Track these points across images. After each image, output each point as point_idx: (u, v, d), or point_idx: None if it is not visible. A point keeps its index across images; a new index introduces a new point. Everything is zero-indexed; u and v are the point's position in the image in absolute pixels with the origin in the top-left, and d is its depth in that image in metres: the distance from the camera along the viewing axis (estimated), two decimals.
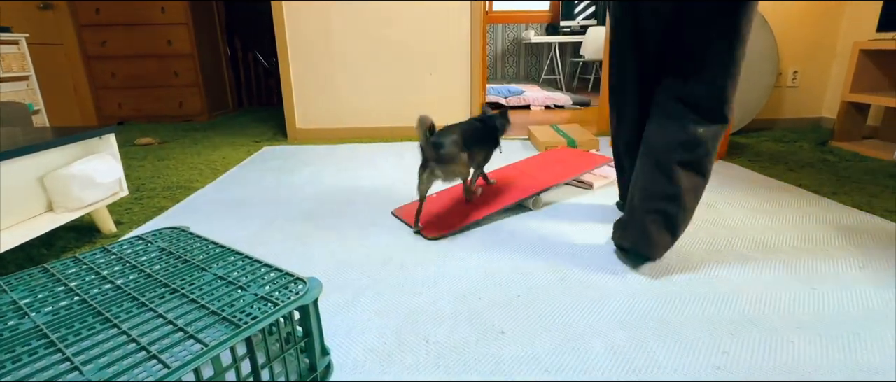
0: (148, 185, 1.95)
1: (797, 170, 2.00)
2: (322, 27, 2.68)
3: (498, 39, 5.60)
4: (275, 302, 0.70)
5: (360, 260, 1.24)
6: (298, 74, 2.77)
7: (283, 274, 0.79)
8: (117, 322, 0.66)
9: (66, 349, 0.60)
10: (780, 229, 1.40)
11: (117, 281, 0.77)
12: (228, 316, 0.66)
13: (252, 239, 1.38)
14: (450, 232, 1.39)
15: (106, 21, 3.38)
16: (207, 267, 0.82)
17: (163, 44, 3.49)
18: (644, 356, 0.85)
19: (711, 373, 0.80)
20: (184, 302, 0.71)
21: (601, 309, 1.00)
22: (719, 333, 0.91)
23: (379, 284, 1.12)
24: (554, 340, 0.90)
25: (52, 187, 1.27)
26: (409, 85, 2.83)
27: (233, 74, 4.35)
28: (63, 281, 0.77)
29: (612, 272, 1.15)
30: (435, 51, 2.76)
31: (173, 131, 3.24)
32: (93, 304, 0.70)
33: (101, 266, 0.83)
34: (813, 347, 0.87)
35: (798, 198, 1.65)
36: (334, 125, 2.87)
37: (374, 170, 2.12)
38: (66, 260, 0.85)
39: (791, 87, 2.91)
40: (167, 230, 0.99)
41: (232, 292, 0.73)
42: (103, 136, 1.41)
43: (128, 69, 3.52)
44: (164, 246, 0.91)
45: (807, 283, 1.09)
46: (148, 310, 0.69)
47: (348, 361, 0.85)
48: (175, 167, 2.25)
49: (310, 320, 0.74)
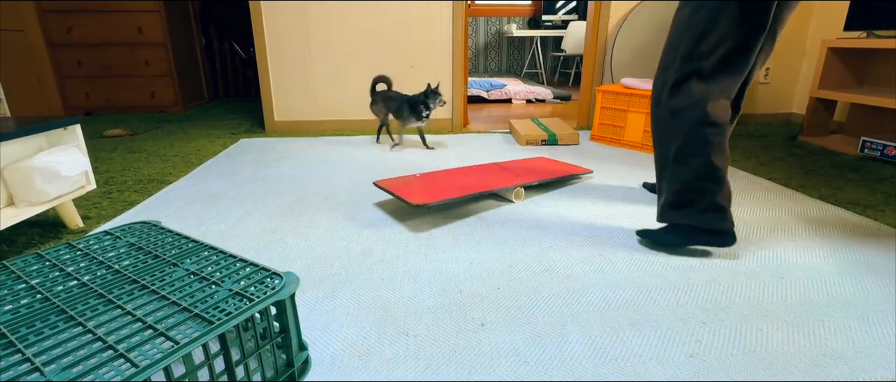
0: (118, 178, 1.89)
1: (768, 165, 2.06)
2: (301, 17, 2.62)
3: (480, 33, 5.58)
4: (250, 297, 0.69)
5: (340, 253, 1.23)
6: (276, 65, 2.71)
7: (258, 268, 0.77)
8: (82, 320, 0.63)
9: (27, 349, 0.57)
10: (752, 221, 1.44)
11: (83, 277, 0.75)
12: (201, 313, 0.65)
13: (227, 233, 1.35)
14: (434, 202, 1.38)
15: (71, 7, 3.23)
16: (179, 263, 0.79)
17: (133, 31, 3.36)
18: (621, 345, 0.87)
19: (685, 361, 0.82)
20: (154, 299, 0.69)
21: (580, 300, 1.01)
22: (693, 322, 0.93)
23: (359, 278, 1.11)
24: (533, 331, 0.91)
25: (14, 180, 1.21)
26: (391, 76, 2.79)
27: (209, 64, 4.23)
28: (24, 279, 0.74)
29: (592, 264, 1.17)
30: (417, 43, 2.73)
31: (145, 122, 3.13)
32: (56, 302, 0.68)
33: (65, 262, 0.80)
34: (780, 334, 0.90)
35: (768, 191, 1.70)
36: (313, 117, 2.82)
37: (353, 163, 2.09)
38: (27, 257, 0.81)
39: (763, 84, 2.99)
40: (137, 225, 0.96)
41: (205, 288, 0.71)
42: (68, 127, 1.35)
43: (95, 57, 3.38)
44: (134, 242, 0.88)
45: (775, 273, 1.12)
46: (115, 308, 0.66)
47: (326, 356, 0.84)
48: (147, 159, 2.18)
49: (286, 315, 0.72)
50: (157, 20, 3.37)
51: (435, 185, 1.55)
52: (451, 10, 2.67)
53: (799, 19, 2.85)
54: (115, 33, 3.35)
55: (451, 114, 2.84)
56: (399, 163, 2.10)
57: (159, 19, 3.37)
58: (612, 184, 1.80)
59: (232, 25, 4.33)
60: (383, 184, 1.54)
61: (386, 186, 1.52)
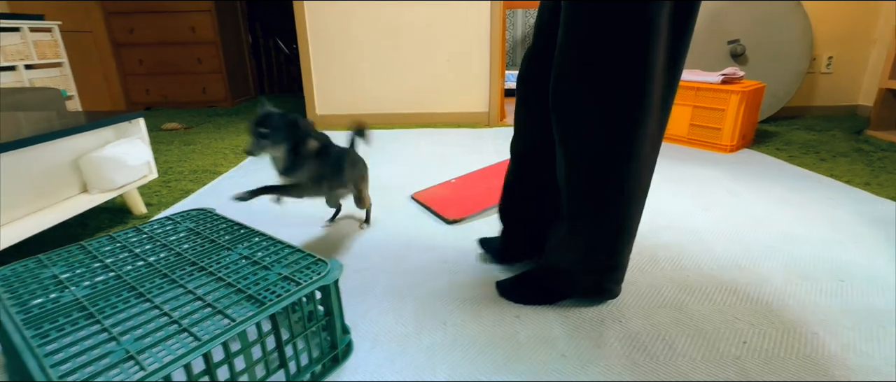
0: (175, 168, 2.01)
1: (829, 160, 1.93)
2: (342, 14, 2.69)
3: (518, 25, 5.50)
4: (297, 281, 0.72)
5: (380, 243, 1.26)
6: (318, 61, 2.79)
7: (305, 255, 0.81)
8: (150, 296, 0.69)
9: (104, 320, 0.63)
10: (809, 220, 1.36)
11: (149, 258, 0.81)
12: (254, 294, 0.69)
13: (275, 221, 1.42)
14: (469, 216, 1.39)
15: (133, 8, 3.45)
16: (233, 247, 0.84)
17: (187, 31, 3.56)
18: (661, 343, 0.85)
19: (729, 363, 0.80)
20: (211, 280, 0.74)
21: (620, 297, 0.99)
22: (739, 323, 0.90)
23: (398, 267, 1.14)
24: (571, 324, 0.90)
25: (87, 169, 1.32)
26: (428, 72, 2.82)
27: (255, 61, 4.41)
28: (99, 258, 0.81)
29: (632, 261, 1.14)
30: (454, 37, 2.74)
31: (198, 116, 3.31)
32: (127, 280, 0.74)
33: (133, 244, 0.87)
34: (837, 339, 0.85)
35: (829, 189, 1.60)
36: (353, 111, 2.89)
37: (392, 155, 2.13)
38: (101, 238, 0.89)
39: (825, 73, 2.79)
40: (194, 211, 1.02)
41: (256, 271, 0.76)
42: (133, 121, 1.45)
43: (154, 56, 3.60)
44: (192, 227, 0.94)
45: (834, 276, 1.06)
46: (178, 286, 0.72)
47: (367, 340, 0.87)
48: (200, 151, 2.31)
49: (331, 300, 0.76)
50: (208, 19, 3.54)
51: (471, 192, 1.57)
52: (488, 3, 2.65)
53: (867, 4, 2.64)
54: (171, 33, 3.56)
55: (488, 107, 2.84)
56: (435, 157, 2.12)
57: (211, 18, 3.54)
58: (655, 179, 1.74)
59: (276, 23, 4.49)
60: (420, 197, 1.57)
61: (423, 200, 1.54)
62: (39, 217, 1.17)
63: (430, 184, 1.70)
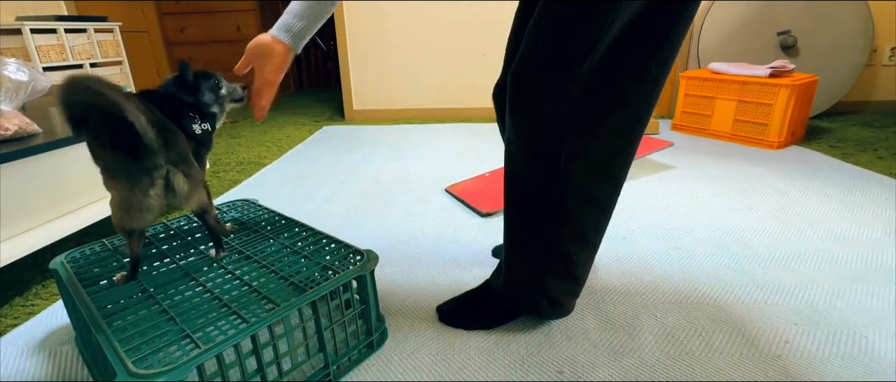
0: (223, 160, 2.12)
1: (888, 158, 1.81)
2: (378, 11, 2.74)
3: None
4: (336, 270, 0.76)
5: (415, 234, 1.30)
6: (355, 57, 2.85)
7: (343, 245, 0.84)
8: (202, 281, 0.74)
9: (163, 302, 0.69)
10: (862, 220, 1.28)
11: (199, 246, 0.87)
12: (296, 282, 0.73)
13: (315, 212, 1.48)
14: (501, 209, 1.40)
15: (184, 9, 3.65)
16: (276, 237, 0.89)
17: (233, 29, 3.72)
18: (698, 339, 0.83)
19: (770, 361, 0.78)
20: (256, 267, 0.79)
21: (655, 292, 0.98)
22: (781, 323, 0.87)
23: (433, 258, 1.16)
24: (604, 317, 0.90)
25: None
26: (463, 66, 2.83)
27: None
28: (155, 245, 0.88)
29: (669, 257, 1.12)
30: (489, 32, 2.73)
31: (242, 111, 3.46)
32: (180, 264, 0.80)
33: (185, 232, 0.93)
34: (891, 343, 0.81)
35: (887, 189, 1.50)
36: (389, 106, 2.94)
37: (427, 149, 2.16)
38: (156, 226, 0.96)
39: (887, 66, 2.60)
40: (240, 201, 1.08)
41: (298, 260, 0.80)
42: None
43: (203, 54, 3.79)
44: (238, 216, 1.00)
45: (888, 278, 1.00)
46: (227, 272, 0.77)
47: (402, 329, 0.90)
48: (245, 144, 2.42)
49: (367, 289, 0.79)
50: (253, 18, 3.69)
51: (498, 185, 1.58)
52: None
53: None
54: (218, 32, 3.73)
55: None
56: (470, 152, 2.13)
57: (255, 18, 3.69)
58: (695, 175, 1.69)
59: None
60: (454, 190, 1.59)
61: (457, 193, 1.56)
62: (103, 203, 1.27)
63: (465, 178, 1.72)
